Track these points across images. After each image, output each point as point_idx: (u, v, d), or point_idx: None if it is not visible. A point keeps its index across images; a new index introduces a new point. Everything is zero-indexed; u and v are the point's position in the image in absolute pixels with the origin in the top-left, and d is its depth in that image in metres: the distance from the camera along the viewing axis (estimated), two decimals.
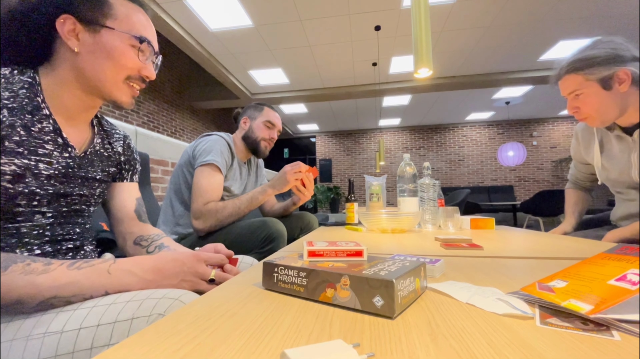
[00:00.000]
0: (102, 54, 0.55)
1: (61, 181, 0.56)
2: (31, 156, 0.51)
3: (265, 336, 0.26)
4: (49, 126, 0.54)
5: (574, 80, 0.92)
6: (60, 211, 0.57)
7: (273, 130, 1.31)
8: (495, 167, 8.30)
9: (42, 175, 0.52)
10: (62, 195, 0.56)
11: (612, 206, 1.15)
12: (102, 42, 0.54)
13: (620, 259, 0.34)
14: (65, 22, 0.53)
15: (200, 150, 1.14)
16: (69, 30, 0.53)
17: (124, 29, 0.56)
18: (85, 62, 0.54)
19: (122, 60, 0.56)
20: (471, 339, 0.25)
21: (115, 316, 0.40)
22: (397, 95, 6.01)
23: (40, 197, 0.53)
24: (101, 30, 0.54)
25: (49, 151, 0.53)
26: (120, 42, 0.56)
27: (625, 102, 0.89)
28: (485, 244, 0.76)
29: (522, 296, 0.34)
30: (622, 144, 0.98)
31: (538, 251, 0.67)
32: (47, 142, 0.53)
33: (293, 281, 0.37)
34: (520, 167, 8.16)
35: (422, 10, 1.56)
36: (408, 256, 0.46)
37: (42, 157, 0.52)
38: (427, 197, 1.22)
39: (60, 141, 0.55)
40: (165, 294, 0.42)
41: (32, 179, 0.51)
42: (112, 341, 0.38)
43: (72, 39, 0.53)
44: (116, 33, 0.55)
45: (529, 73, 5.18)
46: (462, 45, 4.40)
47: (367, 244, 0.77)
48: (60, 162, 0.55)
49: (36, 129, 0.52)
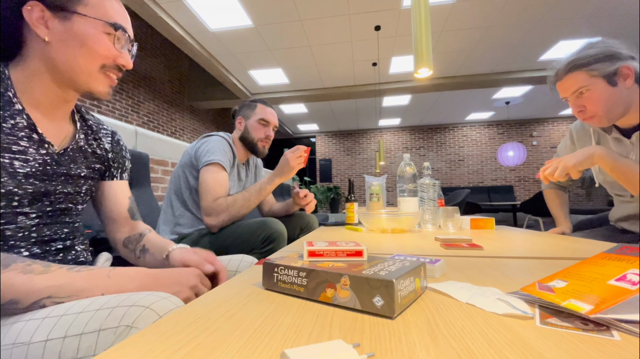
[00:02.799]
0: (74, 42, 0.51)
1: (41, 179, 0.53)
2: (5, 154, 0.48)
3: (265, 336, 0.26)
4: (23, 121, 0.51)
5: (578, 77, 0.89)
6: (45, 210, 0.55)
7: (268, 127, 1.29)
8: (495, 167, 8.30)
9: (19, 174, 0.50)
10: (43, 194, 0.54)
11: (611, 206, 1.15)
12: (74, 29, 0.51)
13: (620, 259, 0.34)
14: (33, 9, 0.49)
15: (203, 151, 1.14)
16: (37, 18, 0.50)
17: (97, 15, 0.53)
18: (57, 52, 0.51)
19: (97, 48, 0.53)
20: (471, 339, 0.25)
21: (83, 327, 0.38)
22: (397, 95, 6.00)
23: (19, 197, 0.50)
24: (72, 17, 0.51)
25: (23, 147, 0.51)
26: (94, 29, 0.52)
27: (629, 100, 0.87)
28: (485, 244, 0.76)
29: (522, 296, 0.34)
30: (620, 146, 0.96)
31: (538, 251, 0.67)
32: (22, 139, 0.50)
33: (293, 281, 0.37)
34: (520, 167, 8.16)
35: (422, 10, 1.56)
36: (408, 256, 0.46)
37: (17, 155, 0.50)
38: (427, 197, 1.22)
39: (36, 136, 0.52)
40: (136, 301, 0.40)
41: (8, 179, 0.48)
42: (79, 354, 0.37)
43: (41, 27, 0.50)
44: (89, 20, 0.52)
45: (529, 73, 5.17)
46: (462, 45, 4.39)
47: (367, 244, 0.77)
48: (37, 159, 0.52)
49: (8, 125, 0.49)
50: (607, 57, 0.85)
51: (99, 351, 0.36)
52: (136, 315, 0.38)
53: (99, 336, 0.37)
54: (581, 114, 0.92)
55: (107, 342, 0.37)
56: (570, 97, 0.93)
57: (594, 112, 0.90)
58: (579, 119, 0.96)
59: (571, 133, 1.13)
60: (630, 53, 0.86)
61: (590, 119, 0.92)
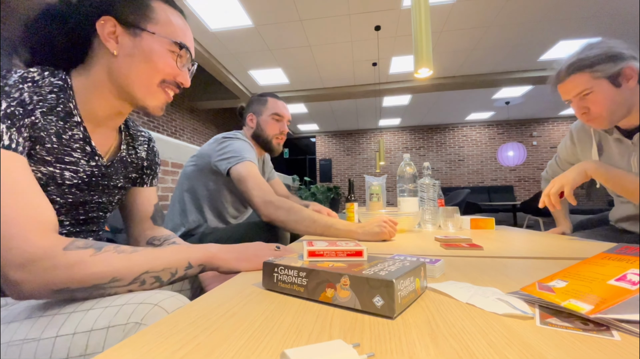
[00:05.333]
0: (140, 57, 0.53)
1: (82, 189, 0.54)
2: (57, 164, 0.49)
3: (265, 336, 0.26)
4: (79, 134, 0.53)
5: (581, 79, 0.87)
6: (78, 219, 0.56)
7: (282, 122, 1.22)
8: (495, 167, 8.30)
9: (65, 184, 0.51)
10: (80, 203, 0.55)
11: (611, 206, 1.14)
12: (142, 45, 0.53)
13: (620, 259, 0.34)
14: (106, 23, 0.51)
15: (229, 150, 1.06)
16: (109, 33, 0.52)
17: (165, 33, 0.55)
18: (122, 65, 0.53)
19: (160, 64, 0.55)
20: (471, 339, 0.25)
21: (92, 324, 0.39)
22: (397, 95, 6.00)
23: (59, 206, 0.51)
24: (142, 34, 0.53)
25: (76, 159, 0.52)
26: (160, 47, 0.54)
27: (631, 101, 0.86)
28: (485, 244, 0.76)
29: (522, 296, 0.34)
30: (621, 147, 0.96)
31: (538, 251, 0.67)
32: (75, 150, 0.52)
33: (293, 281, 0.37)
34: (520, 167, 8.15)
35: (422, 10, 1.56)
36: (408, 256, 0.46)
37: (69, 166, 0.51)
38: (427, 197, 1.22)
39: (89, 149, 0.54)
40: (145, 298, 0.41)
41: (54, 188, 0.50)
42: (88, 351, 0.37)
43: (111, 42, 0.52)
44: (156, 37, 0.54)
45: (529, 73, 5.17)
46: (462, 45, 4.39)
47: (367, 244, 0.77)
48: (87, 171, 0.54)
49: (66, 137, 0.51)
50: (610, 58, 0.84)
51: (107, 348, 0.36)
52: (145, 312, 0.39)
53: (108, 333, 0.38)
54: (585, 116, 0.91)
55: (116, 338, 0.37)
56: (573, 99, 0.91)
57: (598, 114, 0.88)
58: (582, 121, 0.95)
59: (571, 133, 1.12)
60: (632, 53, 0.85)
61: (594, 121, 0.91)
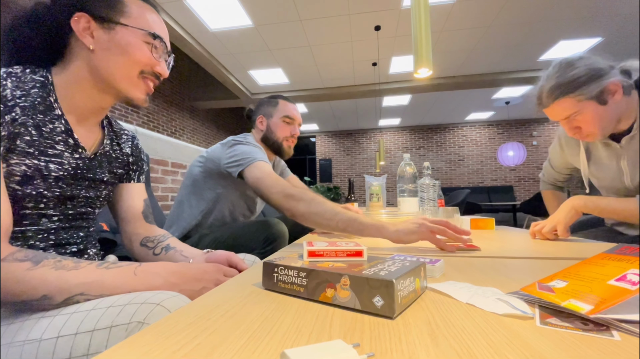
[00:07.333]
0: (116, 50, 0.55)
1: (69, 183, 0.55)
2: (41, 157, 0.50)
3: (265, 336, 0.26)
4: (61, 126, 0.53)
5: (566, 104, 0.87)
6: (67, 213, 0.57)
7: (293, 125, 1.20)
8: (495, 167, 8.30)
9: (51, 177, 0.52)
10: (68, 197, 0.56)
11: None
12: (117, 38, 0.54)
13: (620, 259, 0.34)
14: (80, 19, 0.53)
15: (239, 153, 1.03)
16: (84, 28, 0.53)
17: (138, 25, 0.56)
18: (100, 60, 0.54)
19: (137, 55, 0.56)
20: (471, 339, 0.25)
21: (94, 324, 0.39)
22: (397, 95, 6.01)
23: (47, 200, 0.52)
24: (116, 27, 0.55)
25: (59, 151, 0.53)
26: (135, 38, 0.56)
27: (620, 112, 0.86)
28: (485, 244, 0.76)
29: (522, 296, 0.34)
30: (608, 150, 0.96)
31: (538, 251, 0.67)
32: (58, 143, 0.53)
33: (293, 281, 0.37)
34: (520, 167, 8.16)
35: (422, 10, 1.56)
36: (408, 256, 0.46)
37: (53, 158, 0.52)
38: (427, 197, 1.22)
39: (71, 141, 0.55)
40: (147, 298, 0.41)
41: (41, 181, 0.51)
42: (91, 350, 0.37)
43: (87, 37, 0.53)
44: (130, 29, 0.55)
45: (529, 73, 5.18)
46: (462, 45, 4.39)
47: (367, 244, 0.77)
48: (71, 163, 0.55)
49: (47, 130, 0.51)
50: (591, 78, 0.83)
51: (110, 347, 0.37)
52: (148, 311, 0.39)
53: (111, 333, 0.38)
54: (577, 134, 0.92)
55: (118, 338, 0.37)
56: (562, 121, 0.92)
57: (590, 132, 0.89)
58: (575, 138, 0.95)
59: (560, 139, 1.12)
60: (610, 63, 0.84)
61: (587, 138, 0.91)
